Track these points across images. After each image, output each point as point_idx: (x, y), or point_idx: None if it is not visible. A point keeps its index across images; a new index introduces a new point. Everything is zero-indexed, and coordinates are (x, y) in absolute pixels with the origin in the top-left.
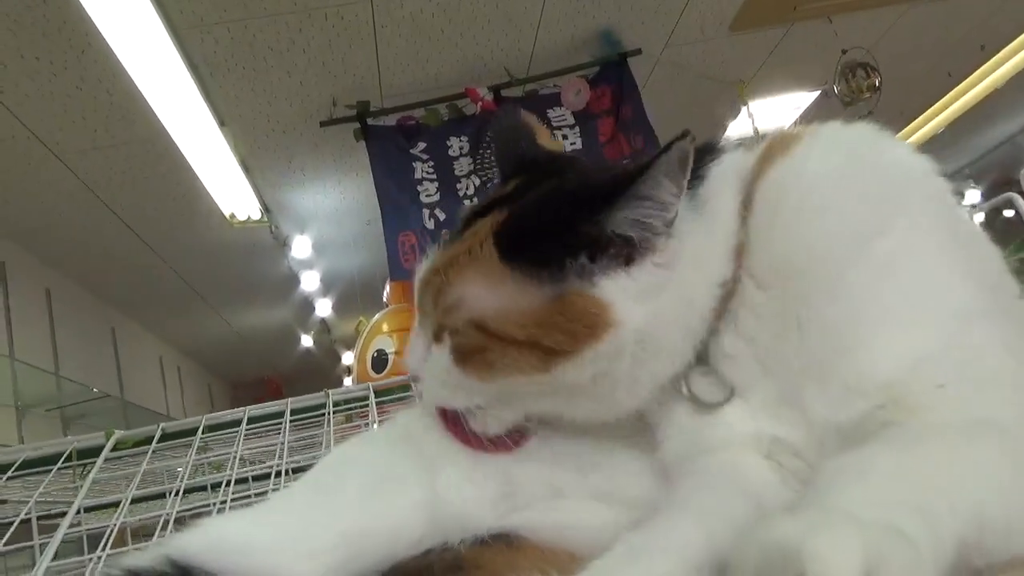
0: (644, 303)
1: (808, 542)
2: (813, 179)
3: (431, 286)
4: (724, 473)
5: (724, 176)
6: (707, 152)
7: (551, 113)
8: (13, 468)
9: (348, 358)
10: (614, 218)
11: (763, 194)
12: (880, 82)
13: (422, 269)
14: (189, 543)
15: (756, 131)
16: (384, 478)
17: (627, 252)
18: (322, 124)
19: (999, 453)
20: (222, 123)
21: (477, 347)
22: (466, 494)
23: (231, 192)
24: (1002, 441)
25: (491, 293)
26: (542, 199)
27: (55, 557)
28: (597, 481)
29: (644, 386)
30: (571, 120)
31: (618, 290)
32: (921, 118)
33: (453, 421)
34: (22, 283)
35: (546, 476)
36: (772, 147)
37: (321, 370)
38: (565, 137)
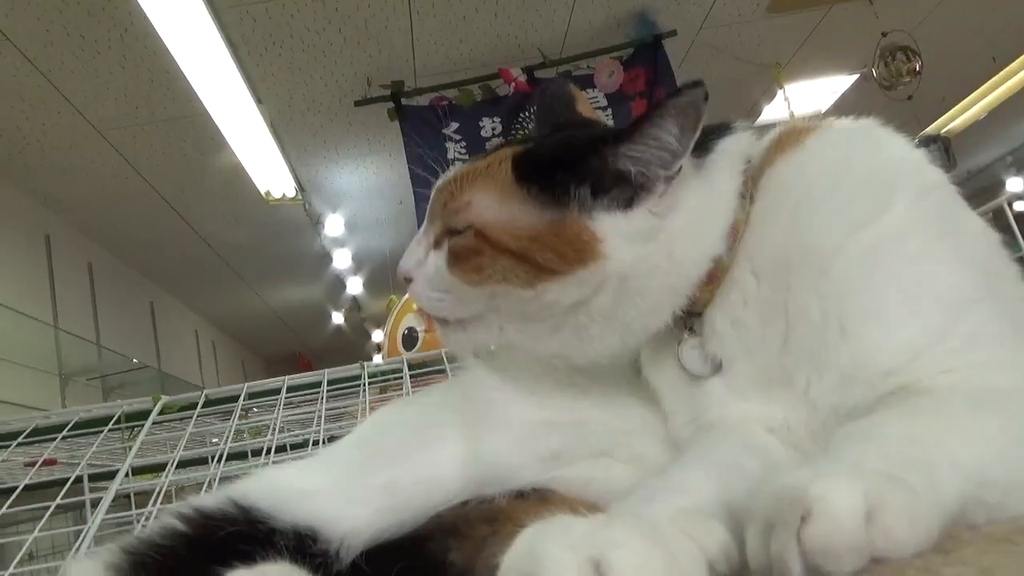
0: (633, 246)
1: (814, 486)
2: (814, 176)
3: (444, 192)
4: (735, 435)
5: (729, 153)
6: (717, 129)
7: (584, 95)
8: (67, 428)
9: (378, 335)
10: (617, 152)
11: (768, 183)
12: (921, 66)
13: (441, 178)
14: (248, 487)
15: (792, 115)
16: (426, 434)
17: (627, 196)
18: (356, 103)
19: (1000, 417)
20: (259, 101)
21: (472, 250)
22: (513, 452)
23: (267, 169)
24: (1004, 406)
25: (498, 204)
26: (563, 137)
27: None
28: (631, 445)
29: (616, 333)
30: (604, 102)
31: (612, 227)
32: (962, 103)
33: None
34: (66, 256)
35: (588, 440)
36: (784, 138)
37: (351, 347)
38: None
